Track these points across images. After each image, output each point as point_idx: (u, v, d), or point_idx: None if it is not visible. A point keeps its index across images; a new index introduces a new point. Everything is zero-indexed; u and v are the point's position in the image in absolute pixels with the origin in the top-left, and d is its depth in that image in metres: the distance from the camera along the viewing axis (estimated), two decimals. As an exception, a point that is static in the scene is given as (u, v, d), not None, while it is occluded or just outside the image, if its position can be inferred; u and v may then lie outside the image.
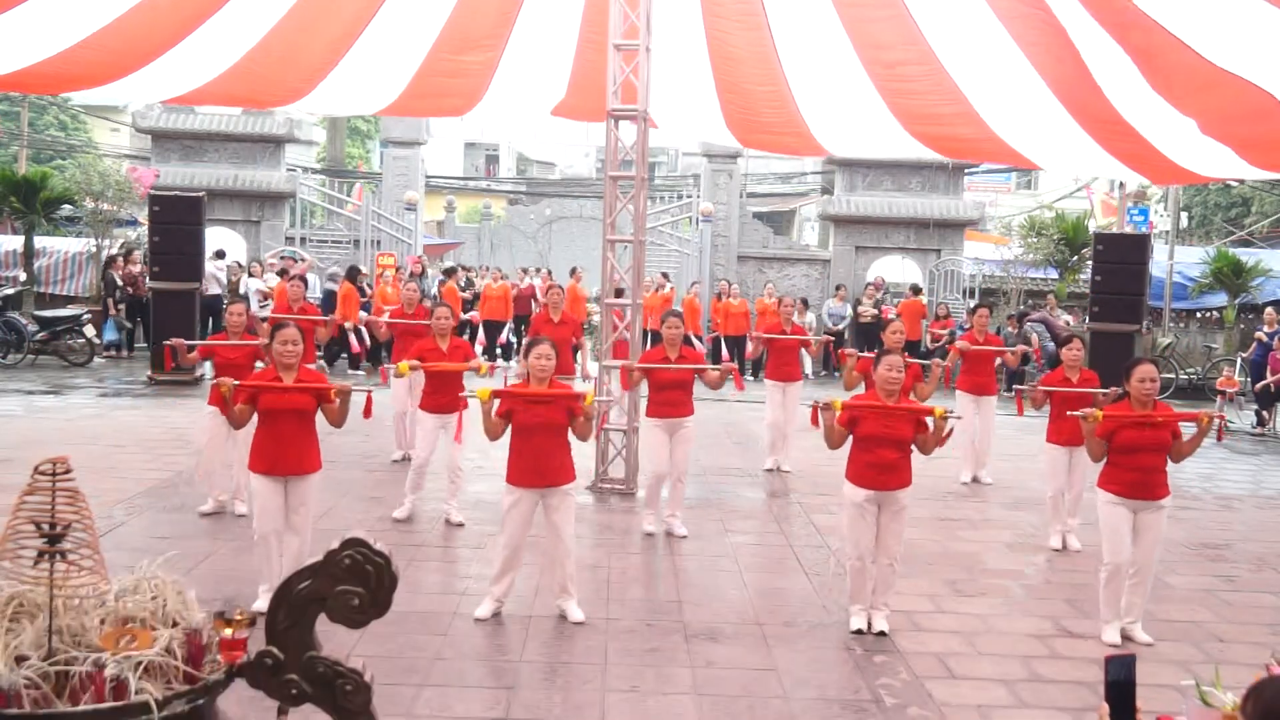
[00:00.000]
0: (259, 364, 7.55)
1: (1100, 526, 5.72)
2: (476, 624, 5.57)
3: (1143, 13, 7.32)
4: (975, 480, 9.47)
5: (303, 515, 5.59)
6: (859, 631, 5.60)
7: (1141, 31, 7.51)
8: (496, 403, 5.56)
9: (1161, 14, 7.30)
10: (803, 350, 10.21)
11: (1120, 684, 2.25)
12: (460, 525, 7.43)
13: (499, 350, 16.76)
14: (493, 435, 5.62)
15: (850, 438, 5.63)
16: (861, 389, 6.51)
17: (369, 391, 6.10)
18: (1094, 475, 5.89)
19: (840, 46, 8.86)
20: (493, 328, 16.55)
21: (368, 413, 6.12)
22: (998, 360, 10.52)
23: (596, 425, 7.35)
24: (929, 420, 5.58)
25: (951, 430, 5.67)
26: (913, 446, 5.63)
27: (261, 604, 5.17)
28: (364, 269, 16.76)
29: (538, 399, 5.56)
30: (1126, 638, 5.65)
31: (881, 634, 5.58)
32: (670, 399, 7.35)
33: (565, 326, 9.39)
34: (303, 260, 17.33)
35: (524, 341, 6.51)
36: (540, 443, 5.54)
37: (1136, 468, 5.53)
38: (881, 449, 5.52)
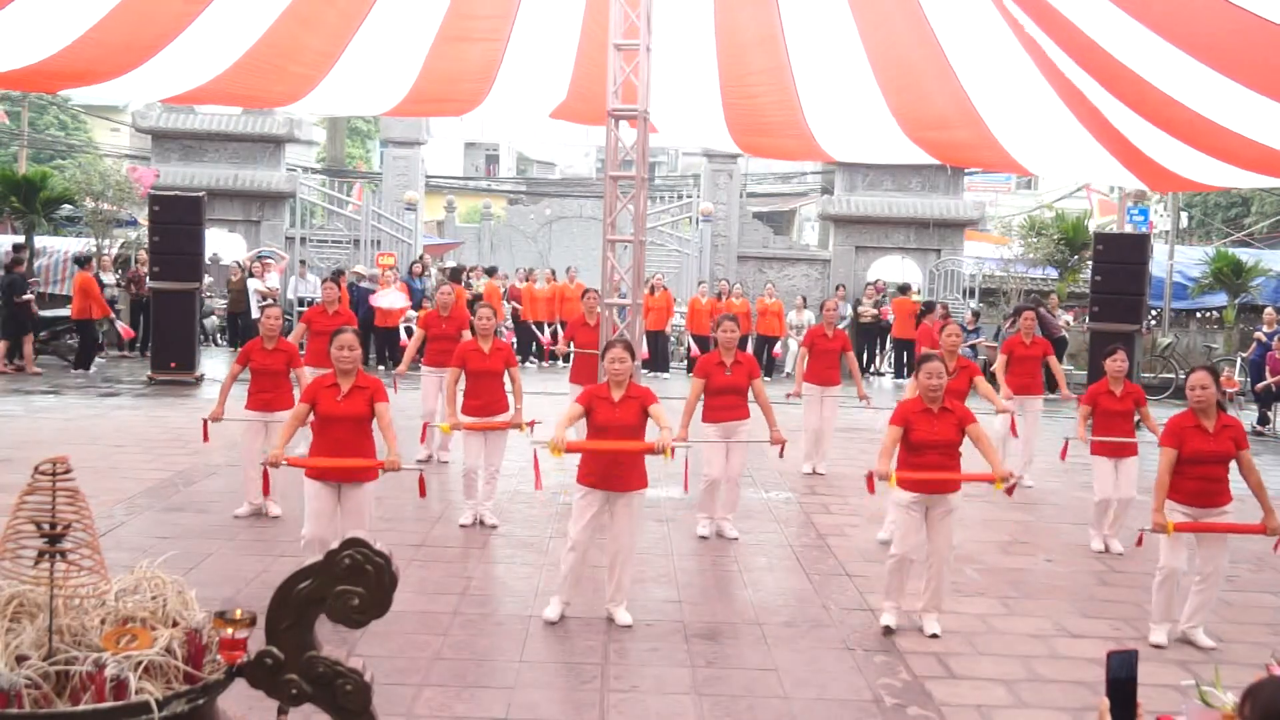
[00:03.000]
0: (294, 371, 7.58)
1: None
2: (476, 624, 5.57)
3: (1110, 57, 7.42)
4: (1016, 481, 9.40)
5: (356, 523, 5.58)
6: (888, 629, 5.61)
7: (1110, 67, 7.62)
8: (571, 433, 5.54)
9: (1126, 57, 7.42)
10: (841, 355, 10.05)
11: (1122, 680, 2.25)
12: (494, 528, 7.40)
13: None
14: (566, 424, 5.57)
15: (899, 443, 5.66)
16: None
17: (420, 473, 6.09)
18: (1146, 483, 5.88)
19: (851, 42, 8.86)
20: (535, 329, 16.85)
21: (423, 492, 6.15)
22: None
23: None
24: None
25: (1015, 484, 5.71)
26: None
27: None
28: (360, 268, 16.78)
29: (611, 400, 5.54)
30: (1188, 642, 5.65)
31: (934, 636, 5.58)
32: (727, 403, 7.34)
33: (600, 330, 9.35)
34: (281, 258, 17.38)
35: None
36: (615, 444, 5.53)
37: (1200, 477, 5.56)
38: (930, 453, 5.54)
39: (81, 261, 15.16)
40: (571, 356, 9.62)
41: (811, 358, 9.75)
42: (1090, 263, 14.95)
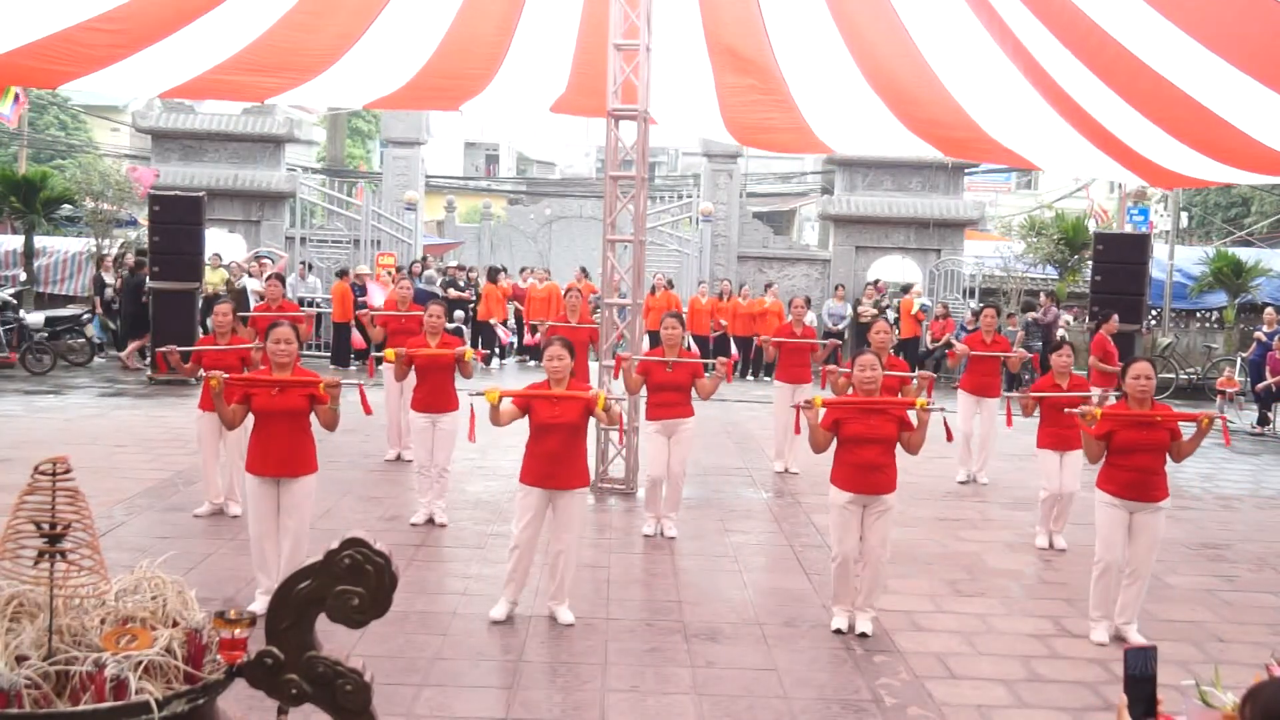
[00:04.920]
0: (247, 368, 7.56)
1: (1096, 525, 5.74)
2: (476, 624, 5.57)
3: (1108, 36, 7.40)
4: (972, 480, 9.46)
5: (296, 519, 5.55)
6: (839, 632, 5.59)
7: (1108, 53, 7.59)
8: (507, 402, 5.53)
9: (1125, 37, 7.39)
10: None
11: (1139, 678, 2.23)
12: (443, 526, 7.38)
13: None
14: (500, 422, 5.56)
15: (835, 440, 5.61)
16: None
17: (359, 385, 6.07)
18: (1090, 476, 5.90)
19: (838, 51, 8.87)
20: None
21: (367, 408, 6.11)
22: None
23: (618, 426, 7.30)
24: (910, 414, 5.56)
25: (928, 416, 5.49)
26: (899, 447, 5.61)
27: (258, 606, 5.16)
28: (364, 268, 16.79)
29: (551, 399, 5.54)
30: (1119, 638, 5.65)
31: (864, 635, 5.57)
32: (667, 400, 7.34)
33: (582, 330, 9.38)
34: (279, 259, 17.39)
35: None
36: (555, 443, 5.52)
37: (1134, 468, 5.53)
38: (865, 450, 5.48)
39: None
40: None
41: (781, 355, 9.70)
42: (1090, 263, 14.94)
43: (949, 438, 5.98)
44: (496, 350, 17.06)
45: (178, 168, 18.46)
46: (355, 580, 2.23)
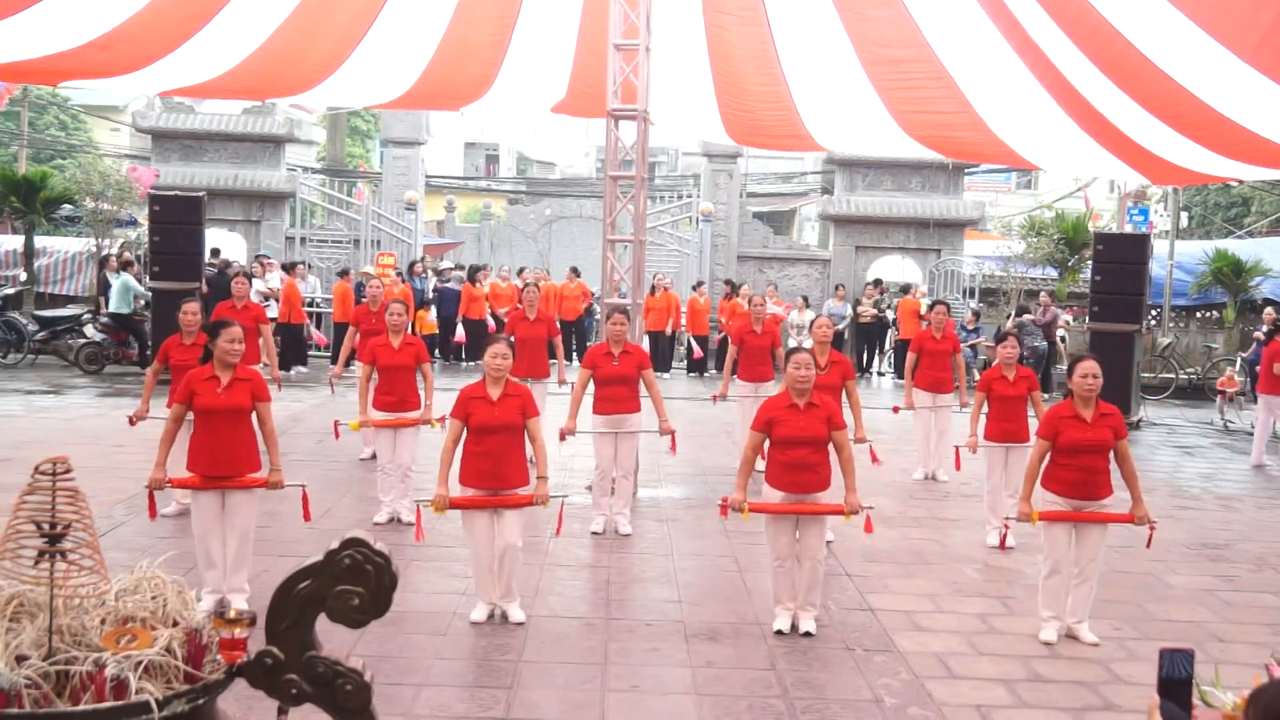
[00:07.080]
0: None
1: (1041, 525, 5.73)
2: (481, 624, 5.57)
3: (1116, 31, 7.38)
4: (931, 478, 9.42)
5: (241, 517, 5.56)
6: (780, 633, 5.55)
7: (1115, 48, 7.58)
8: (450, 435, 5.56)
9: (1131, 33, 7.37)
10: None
11: (1173, 680, 2.22)
12: (411, 525, 7.36)
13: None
14: (449, 454, 5.54)
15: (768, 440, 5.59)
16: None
17: (303, 488, 5.91)
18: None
19: (840, 45, 8.87)
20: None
21: (306, 515, 5.96)
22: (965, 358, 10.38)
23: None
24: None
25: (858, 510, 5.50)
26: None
27: (206, 604, 5.15)
28: (368, 268, 16.78)
29: (488, 400, 5.50)
30: (1072, 638, 5.64)
31: (808, 634, 5.54)
32: (614, 394, 7.28)
33: (540, 324, 9.32)
34: (270, 262, 17.38)
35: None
36: (494, 444, 5.47)
37: (1079, 467, 5.53)
38: (796, 449, 5.46)
39: (286, 268, 15.95)
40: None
41: (742, 354, 9.48)
42: (1090, 263, 14.93)
43: (868, 528, 5.91)
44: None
45: (178, 168, 18.47)
46: (355, 580, 2.23)
